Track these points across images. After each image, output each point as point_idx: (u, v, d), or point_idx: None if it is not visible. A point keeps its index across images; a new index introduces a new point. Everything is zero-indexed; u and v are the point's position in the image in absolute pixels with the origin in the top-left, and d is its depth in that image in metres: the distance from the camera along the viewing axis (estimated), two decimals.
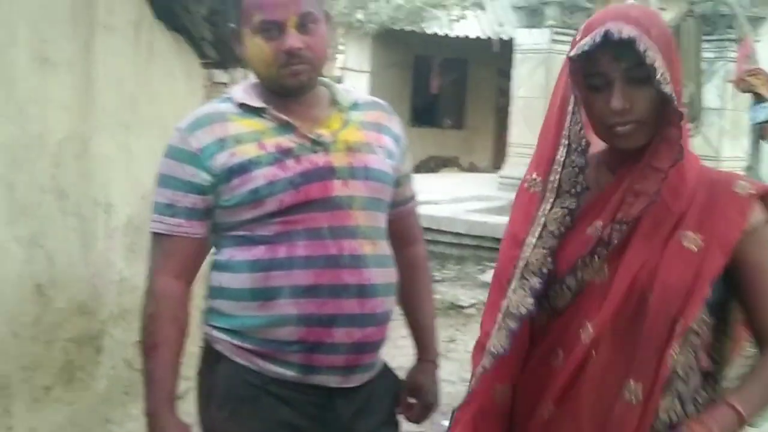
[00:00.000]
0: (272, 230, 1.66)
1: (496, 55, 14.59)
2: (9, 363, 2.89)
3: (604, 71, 1.46)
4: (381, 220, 1.79)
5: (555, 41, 10.25)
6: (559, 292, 1.56)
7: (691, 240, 1.46)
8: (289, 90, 1.71)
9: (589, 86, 1.49)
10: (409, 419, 1.95)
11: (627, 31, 1.41)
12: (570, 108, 1.53)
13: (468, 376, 4.80)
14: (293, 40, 1.65)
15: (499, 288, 1.60)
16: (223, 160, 1.66)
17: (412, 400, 1.93)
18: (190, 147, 1.68)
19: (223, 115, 1.71)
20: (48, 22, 3.05)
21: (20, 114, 2.88)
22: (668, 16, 9.10)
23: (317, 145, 1.70)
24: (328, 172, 1.69)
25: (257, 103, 1.72)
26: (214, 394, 1.75)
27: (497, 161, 15.41)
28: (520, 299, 1.53)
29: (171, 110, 4.51)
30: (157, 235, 1.73)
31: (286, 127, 1.70)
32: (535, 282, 1.53)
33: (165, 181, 1.72)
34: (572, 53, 1.47)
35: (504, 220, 7.00)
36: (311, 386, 1.70)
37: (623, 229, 1.49)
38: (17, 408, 2.97)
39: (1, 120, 2.75)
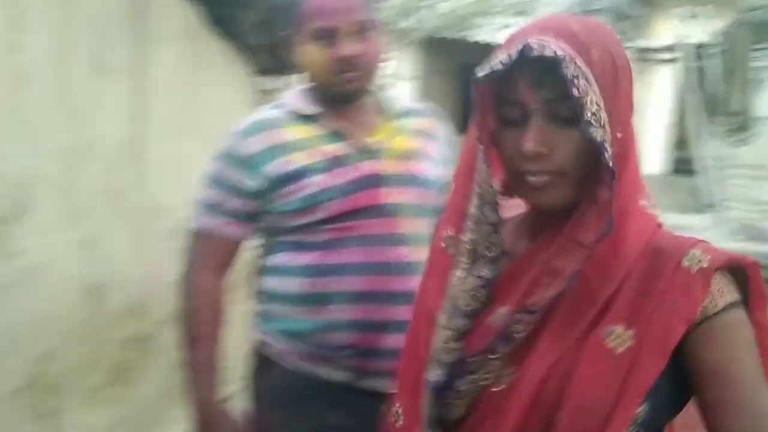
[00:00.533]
0: (324, 237, 1.68)
1: None
2: (62, 363, 2.96)
3: (521, 100, 1.09)
4: (427, 226, 1.78)
5: None
6: (451, 400, 1.18)
7: (619, 337, 1.06)
8: (343, 96, 1.73)
9: (503, 118, 1.13)
10: None
11: (554, 47, 1.03)
12: (478, 146, 1.16)
13: None
14: (348, 47, 1.66)
15: (414, 382, 1.22)
16: (276, 167, 1.69)
17: None
18: (242, 152, 1.72)
19: (276, 122, 1.74)
20: (105, 31, 3.12)
21: (78, 120, 2.96)
22: (718, 24, 8.99)
23: (367, 153, 1.72)
24: (376, 180, 1.70)
25: (310, 110, 1.74)
26: (265, 397, 1.78)
27: None
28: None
29: (221, 117, 4.57)
30: (198, 233, 1.78)
31: (337, 135, 1.72)
32: (435, 376, 1.17)
33: (213, 181, 1.77)
34: (480, 73, 1.09)
35: None
36: (361, 390, 1.72)
37: (530, 320, 1.11)
38: (68, 407, 3.03)
39: (60, 125, 2.82)
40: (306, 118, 1.74)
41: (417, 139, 1.80)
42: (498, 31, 14.49)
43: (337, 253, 1.67)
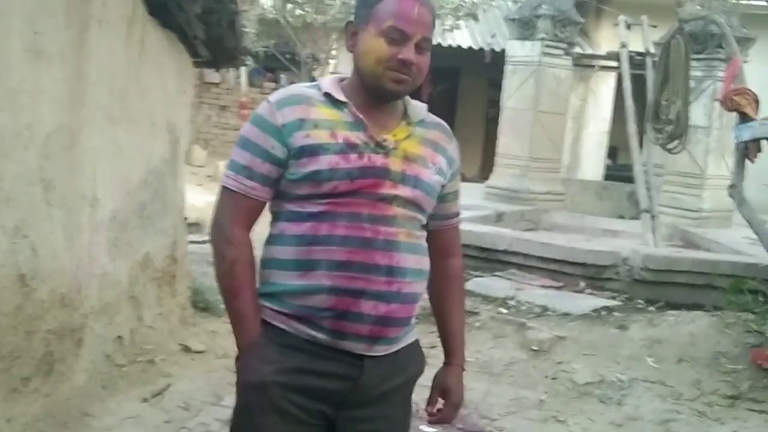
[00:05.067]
0: (319, 208, 1.86)
1: (487, 66, 14.65)
2: None
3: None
4: (418, 218, 1.97)
5: (546, 54, 10.30)
6: None
7: None
8: (387, 93, 1.91)
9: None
10: (438, 420, 2.10)
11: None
12: None
13: None
14: (411, 53, 1.87)
15: None
16: (298, 139, 1.85)
17: (441, 401, 2.09)
18: (275, 121, 1.87)
19: (309, 99, 1.90)
20: (42, 15, 3.07)
21: (11, 104, 2.90)
22: (659, 33, 9.17)
23: (380, 147, 1.90)
24: (382, 172, 1.88)
25: (341, 96, 1.91)
26: (254, 349, 1.92)
27: (485, 171, 15.45)
28: None
29: (160, 107, 4.53)
30: (230, 191, 1.91)
31: (359, 125, 1.89)
32: None
33: (247, 144, 1.90)
34: None
35: (489, 229, 6.98)
36: (339, 350, 1.88)
37: None
38: None
39: None
40: (335, 103, 1.91)
41: (426, 147, 2.00)
42: (444, 33, 14.61)
43: (327, 225, 1.85)
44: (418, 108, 2.04)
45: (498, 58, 12.78)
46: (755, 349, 4.96)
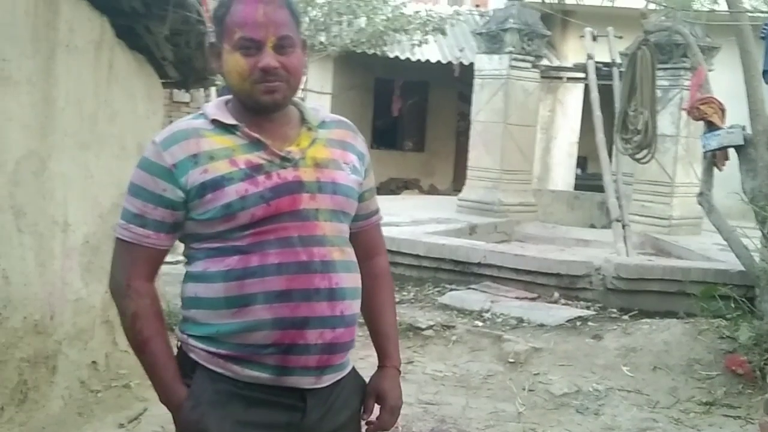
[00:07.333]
0: (245, 241, 1.74)
1: (457, 80, 14.74)
2: None
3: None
4: (345, 230, 1.88)
5: (513, 67, 10.38)
6: None
7: None
8: (263, 106, 1.79)
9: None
10: (377, 428, 1.98)
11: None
12: None
13: (426, 397, 4.79)
14: (269, 58, 1.74)
15: None
16: (195, 176, 1.73)
17: (378, 406, 1.98)
18: (164, 162, 1.74)
19: (197, 131, 1.78)
20: (8, 42, 3.05)
21: None
22: (624, 44, 9.28)
23: (286, 161, 1.78)
24: (297, 186, 1.77)
25: (230, 120, 1.79)
26: (189, 399, 1.80)
27: (457, 184, 15.52)
28: None
29: (131, 130, 4.51)
30: (124, 242, 1.80)
31: (257, 145, 1.78)
32: None
33: (136, 191, 1.78)
34: None
35: (463, 242, 6.98)
36: (284, 388, 1.78)
37: None
38: None
39: None
40: (226, 128, 1.79)
41: (334, 148, 1.88)
42: (413, 47, 14.69)
43: (258, 256, 1.74)
44: (315, 110, 1.93)
45: (467, 72, 12.87)
46: (729, 355, 5.02)
